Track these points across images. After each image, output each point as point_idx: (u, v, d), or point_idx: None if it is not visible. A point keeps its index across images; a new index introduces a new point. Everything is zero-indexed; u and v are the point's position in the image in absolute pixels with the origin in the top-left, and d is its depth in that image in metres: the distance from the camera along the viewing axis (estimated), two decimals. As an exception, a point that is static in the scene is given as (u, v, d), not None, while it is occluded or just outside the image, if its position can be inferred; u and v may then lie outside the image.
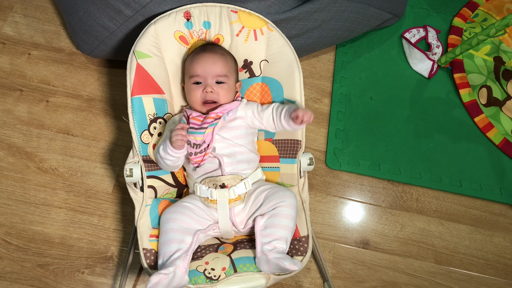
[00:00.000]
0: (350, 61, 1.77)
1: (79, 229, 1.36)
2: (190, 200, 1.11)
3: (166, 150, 1.06)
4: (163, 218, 1.06)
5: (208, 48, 1.19)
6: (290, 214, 1.05)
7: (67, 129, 1.49)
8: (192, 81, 1.17)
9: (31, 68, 1.56)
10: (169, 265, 0.96)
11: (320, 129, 1.63)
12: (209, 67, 1.15)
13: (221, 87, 1.16)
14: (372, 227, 1.50)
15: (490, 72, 1.80)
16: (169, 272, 0.93)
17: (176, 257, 0.98)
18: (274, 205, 1.05)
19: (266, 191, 1.09)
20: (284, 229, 1.03)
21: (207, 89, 1.14)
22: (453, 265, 1.48)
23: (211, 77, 1.16)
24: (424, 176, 1.59)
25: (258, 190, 1.11)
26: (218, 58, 1.17)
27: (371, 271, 1.43)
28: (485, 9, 1.97)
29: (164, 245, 1.01)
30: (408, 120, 1.69)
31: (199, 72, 1.15)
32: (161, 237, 1.03)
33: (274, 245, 1.00)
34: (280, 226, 1.02)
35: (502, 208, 1.60)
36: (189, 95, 1.18)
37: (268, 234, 1.02)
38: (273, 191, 1.08)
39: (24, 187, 1.39)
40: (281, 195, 1.06)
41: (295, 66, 1.20)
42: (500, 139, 1.69)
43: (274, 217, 1.04)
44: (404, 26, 1.88)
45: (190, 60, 1.18)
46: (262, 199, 1.08)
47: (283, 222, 1.03)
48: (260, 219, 1.04)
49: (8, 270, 1.28)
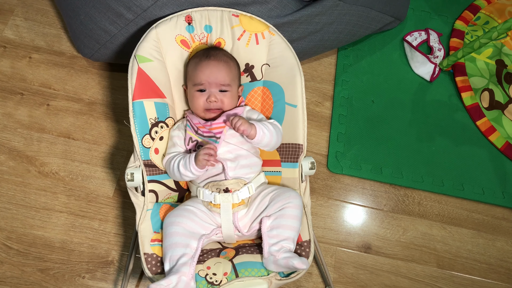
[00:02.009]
0: (352, 65, 1.77)
1: (80, 234, 1.35)
2: (193, 203, 1.11)
3: (188, 167, 1.07)
4: (166, 221, 1.06)
5: (212, 54, 1.18)
6: (296, 215, 1.05)
7: (68, 133, 1.48)
8: (195, 89, 1.17)
9: (32, 72, 1.56)
10: (174, 272, 0.95)
11: (321, 133, 1.62)
12: (213, 76, 1.15)
13: (225, 95, 1.16)
14: (374, 231, 1.49)
15: (492, 75, 1.79)
16: (170, 283, 0.92)
17: (182, 262, 0.97)
18: (280, 206, 1.06)
19: (271, 193, 1.09)
20: (291, 230, 1.03)
21: (211, 99, 1.14)
22: (456, 269, 1.48)
23: (215, 86, 1.16)
24: (426, 180, 1.58)
25: (263, 193, 1.11)
26: (223, 66, 1.17)
27: (373, 275, 1.43)
28: (487, 12, 1.97)
29: (170, 249, 1.00)
30: (410, 123, 1.69)
31: (203, 80, 1.15)
32: (166, 240, 1.03)
33: (282, 245, 1.00)
34: (286, 227, 1.03)
35: (504, 212, 1.59)
36: (192, 102, 1.18)
37: (275, 235, 1.02)
38: (278, 193, 1.09)
39: (24, 191, 1.38)
40: (287, 196, 1.07)
41: (296, 70, 1.20)
42: (502, 143, 1.68)
43: (281, 218, 1.04)
44: (405, 29, 1.87)
45: (194, 66, 1.18)
46: (267, 201, 1.08)
47: (289, 222, 1.04)
48: (267, 220, 1.05)
49: (9, 275, 1.28)
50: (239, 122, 1.08)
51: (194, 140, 1.14)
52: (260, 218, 1.07)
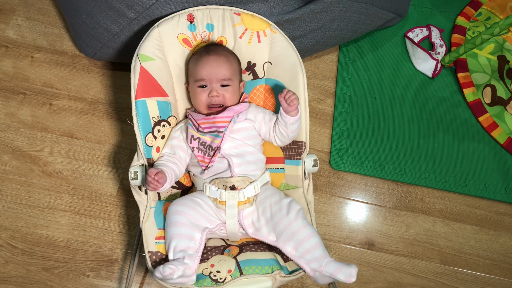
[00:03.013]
0: (354, 62, 1.76)
1: (84, 232, 1.36)
2: (200, 196, 1.10)
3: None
4: (171, 209, 1.05)
5: (212, 50, 1.18)
6: (305, 223, 1.03)
7: (70, 132, 1.49)
8: (197, 85, 1.17)
9: (34, 71, 1.56)
10: (180, 263, 0.95)
11: (324, 130, 1.62)
12: (213, 71, 1.15)
13: (226, 90, 1.16)
14: (377, 228, 1.50)
15: (494, 71, 1.79)
16: (177, 270, 0.92)
17: (187, 255, 0.97)
18: (290, 232, 1.02)
19: (271, 209, 1.06)
20: (312, 237, 1.01)
21: (212, 94, 1.14)
22: (459, 265, 1.48)
23: (216, 81, 1.16)
24: (428, 176, 1.59)
25: (264, 205, 1.08)
26: (223, 61, 1.17)
27: (376, 272, 1.43)
28: (489, 7, 1.96)
29: (174, 239, 1.00)
30: (412, 120, 1.69)
31: (204, 76, 1.15)
32: (170, 228, 1.02)
33: (315, 257, 0.98)
34: (306, 237, 1.00)
35: (507, 207, 1.59)
36: (194, 98, 1.18)
37: (303, 253, 1.00)
38: (280, 216, 1.04)
39: (28, 190, 1.39)
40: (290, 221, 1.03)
41: (298, 68, 1.20)
42: (505, 139, 1.68)
43: (294, 235, 1.01)
44: (407, 25, 1.87)
45: (195, 63, 1.18)
46: (268, 215, 1.06)
47: (305, 232, 1.01)
48: (285, 246, 1.01)
49: (14, 274, 1.28)
50: (293, 96, 1.08)
51: (196, 137, 1.14)
52: (267, 229, 1.05)
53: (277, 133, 1.17)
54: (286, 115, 1.11)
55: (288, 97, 1.08)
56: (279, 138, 1.18)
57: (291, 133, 1.15)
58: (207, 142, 1.12)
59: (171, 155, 1.15)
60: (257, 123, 1.20)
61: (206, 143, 1.12)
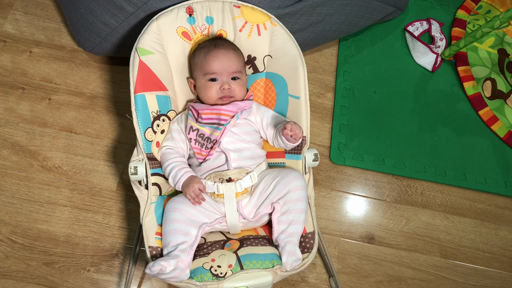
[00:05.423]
0: (353, 55, 1.76)
1: (84, 227, 1.36)
2: None
3: (173, 184, 1.10)
4: (168, 206, 1.06)
5: (220, 44, 1.18)
6: (302, 196, 1.07)
7: (70, 127, 1.48)
8: (207, 78, 1.16)
9: (32, 66, 1.55)
10: (173, 257, 0.97)
11: (324, 124, 1.62)
12: (225, 64, 1.16)
13: (237, 83, 1.17)
14: (377, 222, 1.50)
15: (494, 64, 1.78)
16: (169, 265, 0.94)
17: (181, 249, 0.99)
18: (285, 190, 1.06)
19: (274, 179, 1.09)
20: (300, 212, 1.06)
21: (224, 86, 1.15)
22: (459, 259, 1.48)
23: (227, 74, 1.16)
24: (428, 170, 1.58)
25: (266, 179, 1.11)
26: (232, 54, 1.18)
27: (376, 265, 1.43)
28: (489, 0, 1.95)
29: (169, 235, 1.02)
30: (412, 114, 1.68)
31: (216, 69, 1.15)
32: (166, 225, 1.03)
33: (289, 232, 1.04)
34: (295, 211, 1.05)
35: (507, 201, 1.59)
36: (204, 92, 1.18)
37: (284, 220, 1.05)
38: (282, 177, 1.08)
39: (28, 185, 1.39)
40: (291, 179, 1.08)
41: (299, 61, 1.20)
42: (504, 132, 1.68)
43: (289, 203, 1.06)
44: (407, 19, 1.86)
45: (204, 57, 1.17)
46: (271, 187, 1.08)
47: (297, 206, 1.06)
48: (278, 206, 1.06)
49: (14, 269, 1.28)
50: (298, 129, 1.09)
51: (195, 129, 1.13)
52: (265, 203, 1.08)
53: (275, 143, 1.19)
54: (288, 142, 1.13)
55: (294, 133, 1.08)
56: (277, 146, 1.20)
57: (290, 147, 1.18)
58: (206, 134, 1.12)
59: (174, 147, 1.15)
60: (257, 125, 1.20)
61: (205, 135, 1.12)
